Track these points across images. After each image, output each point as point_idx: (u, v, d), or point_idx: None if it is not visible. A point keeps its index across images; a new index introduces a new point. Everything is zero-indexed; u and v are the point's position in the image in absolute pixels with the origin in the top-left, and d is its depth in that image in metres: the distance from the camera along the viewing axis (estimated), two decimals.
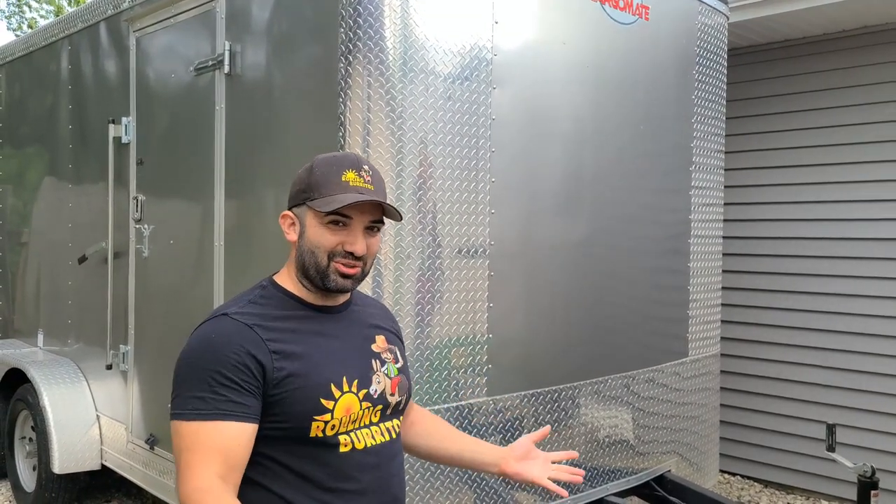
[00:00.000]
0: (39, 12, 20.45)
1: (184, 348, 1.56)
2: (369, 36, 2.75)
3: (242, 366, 1.49)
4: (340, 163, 1.61)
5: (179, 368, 1.54)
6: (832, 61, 5.09)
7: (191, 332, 1.60)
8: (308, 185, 1.60)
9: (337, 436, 1.57)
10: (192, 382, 1.49)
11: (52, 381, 4.43)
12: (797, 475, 5.23)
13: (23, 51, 5.30)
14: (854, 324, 4.98)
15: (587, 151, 3.41)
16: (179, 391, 1.51)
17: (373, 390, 1.63)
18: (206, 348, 1.51)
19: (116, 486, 5.04)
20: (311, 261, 1.60)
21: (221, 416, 1.47)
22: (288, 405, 1.52)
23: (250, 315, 1.56)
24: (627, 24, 3.54)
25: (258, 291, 1.64)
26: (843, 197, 5.03)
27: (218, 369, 1.48)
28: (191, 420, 1.47)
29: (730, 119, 4.50)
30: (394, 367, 1.72)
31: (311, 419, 1.53)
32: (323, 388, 1.55)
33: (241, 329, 1.53)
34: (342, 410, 1.56)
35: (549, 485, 1.81)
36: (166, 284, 3.82)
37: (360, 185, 1.58)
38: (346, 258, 1.59)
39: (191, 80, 3.59)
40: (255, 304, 1.60)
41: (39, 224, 5.16)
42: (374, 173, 1.63)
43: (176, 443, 1.49)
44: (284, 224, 1.66)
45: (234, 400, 1.47)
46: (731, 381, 5.30)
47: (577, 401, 3.37)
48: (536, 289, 3.22)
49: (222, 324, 1.54)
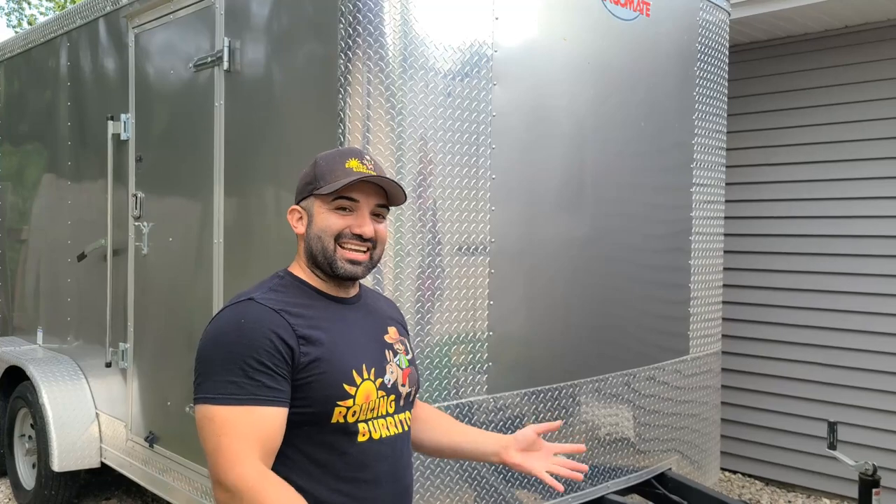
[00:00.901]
0: (39, 9, 20.42)
1: (210, 331, 1.57)
2: (369, 32, 2.74)
3: (275, 350, 1.50)
4: (343, 154, 1.68)
5: (208, 351, 1.53)
6: (834, 58, 5.07)
7: (214, 317, 1.61)
8: (314, 177, 1.65)
9: (357, 423, 1.59)
10: (225, 366, 1.48)
11: (51, 378, 4.42)
12: (798, 473, 5.22)
13: (22, 47, 5.28)
14: (855, 321, 4.97)
15: (588, 148, 3.40)
16: (209, 374, 1.50)
17: (387, 380, 1.66)
18: (237, 332, 1.52)
19: (116, 483, 5.04)
20: (319, 246, 1.63)
21: (259, 402, 1.47)
22: (313, 389, 1.53)
23: (275, 301, 1.58)
24: (629, 20, 3.52)
25: (276, 280, 1.66)
26: (846, 194, 5.02)
27: (252, 354, 1.48)
28: (226, 405, 1.47)
29: (731, 116, 4.49)
30: (405, 358, 1.75)
31: (334, 404, 1.55)
32: (346, 374, 1.57)
33: (270, 314, 1.54)
34: (363, 397, 1.59)
35: (545, 478, 1.79)
36: (166, 282, 3.81)
37: (363, 170, 1.64)
38: (354, 240, 1.62)
39: (190, 77, 3.58)
40: (275, 291, 1.62)
41: (39, 221, 5.15)
42: (376, 163, 1.69)
43: (207, 427, 1.48)
44: (292, 219, 1.69)
45: (268, 385, 1.48)
46: (732, 379, 5.29)
47: (578, 399, 3.36)
48: (537, 286, 3.21)
49: (251, 308, 1.55)
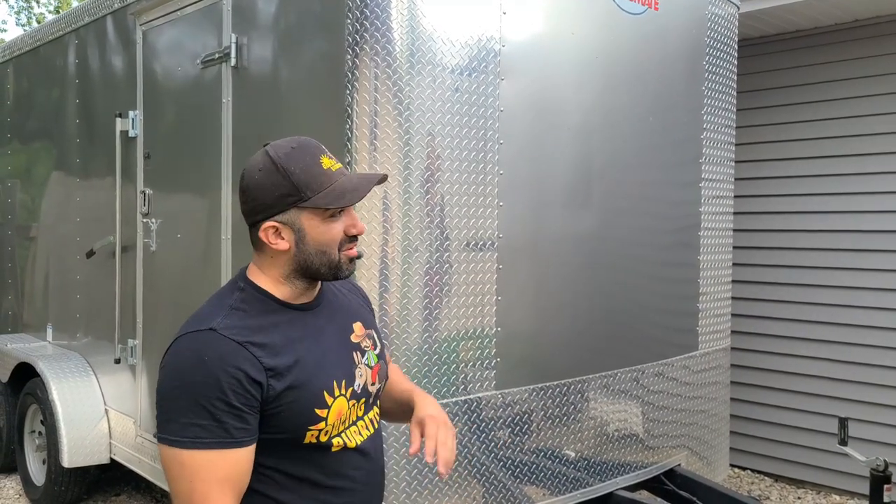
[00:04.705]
0: (48, 7, 20.50)
1: (168, 364, 1.48)
2: (376, 28, 2.73)
3: (242, 389, 1.43)
4: (309, 153, 1.54)
5: (169, 390, 1.45)
6: (844, 52, 5.03)
7: (172, 344, 1.52)
8: (293, 188, 1.50)
9: (330, 439, 1.56)
10: (189, 408, 1.41)
11: (60, 375, 4.44)
12: (808, 469, 5.20)
13: (30, 45, 5.30)
14: (866, 317, 4.93)
15: (596, 143, 3.38)
16: (173, 416, 1.43)
17: (357, 385, 1.62)
18: (199, 371, 1.42)
19: (125, 479, 5.06)
20: (323, 260, 1.54)
21: (227, 445, 1.42)
22: (284, 419, 1.49)
23: (238, 329, 1.47)
24: (637, 13, 3.50)
25: (237, 295, 1.55)
26: (857, 189, 4.98)
27: (217, 395, 1.41)
28: (195, 448, 1.41)
29: (740, 111, 4.46)
30: (373, 354, 1.70)
31: (306, 429, 1.51)
32: (318, 397, 1.52)
33: (234, 349, 1.44)
34: (335, 415, 1.55)
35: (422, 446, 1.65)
36: (174, 278, 3.81)
37: (336, 167, 1.55)
38: (352, 241, 1.58)
39: (197, 74, 3.58)
40: (237, 310, 1.51)
41: (47, 218, 5.17)
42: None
43: (175, 470, 1.42)
44: (268, 236, 1.53)
45: (236, 426, 1.43)
46: (741, 375, 5.27)
47: (586, 394, 3.35)
48: (545, 282, 3.20)
49: (212, 342, 1.45)
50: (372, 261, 2.75)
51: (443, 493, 2.85)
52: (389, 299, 2.77)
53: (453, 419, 2.88)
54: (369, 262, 2.75)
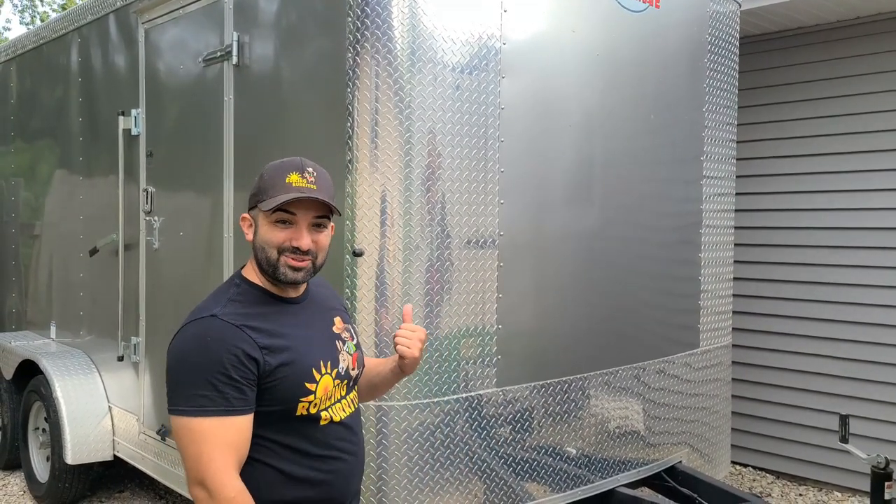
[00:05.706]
0: (52, 6, 20.52)
1: (176, 347, 1.72)
2: (377, 26, 2.74)
3: (241, 364, 1.67)
4: (286, 167, 1.79)
5: (177, 368, 1.69)
6: (847, 49, 5.03)
7: (178, 331, 1.74)
8: (259, 189, 1.79)
9: (319, 412, 1.80)
10: (195, 382, 1.65)
11: (64, 372, 4.46)
12: (810, 466, 5.20)
13: (33, 44, 5.31)
14: (867, 314, 4.93)
15: (597, 141, 3.38)
16: (181, 389, 1.67)
17: (341, 368, 1.87)
18: (203, 350, 1.67)
19: (129, 476, 5.08)
20: (263, 256, 1.78)
21: (229, 412, 1.65)
22: (278, 391, 1.72)
23: (235, 315, 1.73)
24: (638, 11, 3.51)
25: (234, 289, 1.80)
26: (858, 186, 4.98)
27: (218, 370, 1.65)
28: (201, 416, 1.64)
29: (742, 108, 4.46)
30: (352, 344, 1.96)
31: (298, 400, 1.75)
32: (307, 373, 1.77)
33: (233, 330, 1.69)
34: (322, 390, 1.79)
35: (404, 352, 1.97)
36: (177, 276, 3.83)
37: (302, 185, 1.75)
38: (294, 253, 1.77)
39: (199, 72, 3.59)
40: (234, 301, 1.77)
41: (51, 216, 5.19)
42: (318, 174, 1.80)
43: (187, 435, 1.65)
44: (244, 225, 1.86)
45: (236, 396, 1.66)
46: (742, 372, 5.27)
47: (587, 392, 3.36)
48: (546, 279, 3.21)
49: (214, 325, 1.70)
50: (373, 258, 2.76)
51: (444, 489, 2.86)
52: (391, 297, 2.78)
53: (454, 416, 2.90)
54: (370, 259, 2.76)
